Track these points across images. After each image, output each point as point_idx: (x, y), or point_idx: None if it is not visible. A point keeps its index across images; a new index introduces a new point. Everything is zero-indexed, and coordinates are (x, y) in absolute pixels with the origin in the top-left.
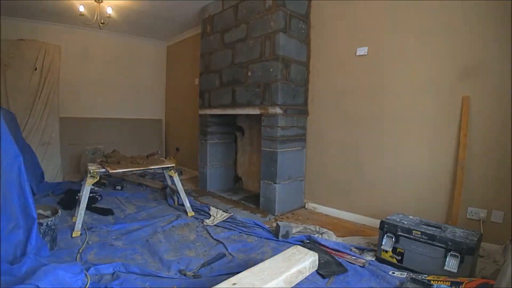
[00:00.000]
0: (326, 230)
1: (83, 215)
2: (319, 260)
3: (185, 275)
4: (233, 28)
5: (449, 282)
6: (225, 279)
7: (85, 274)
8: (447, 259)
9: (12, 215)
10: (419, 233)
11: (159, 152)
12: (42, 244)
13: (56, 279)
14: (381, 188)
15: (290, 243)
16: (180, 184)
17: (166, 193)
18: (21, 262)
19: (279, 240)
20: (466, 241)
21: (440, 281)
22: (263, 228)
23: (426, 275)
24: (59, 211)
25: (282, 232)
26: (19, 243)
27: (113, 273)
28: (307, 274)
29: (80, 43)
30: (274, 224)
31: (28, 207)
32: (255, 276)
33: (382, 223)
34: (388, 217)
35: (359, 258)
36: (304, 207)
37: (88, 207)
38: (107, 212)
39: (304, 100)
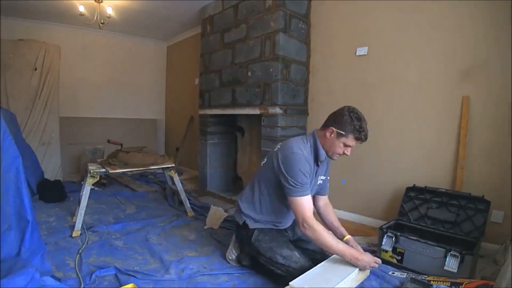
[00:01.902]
0: None
1: (83, 214)
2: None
3: None
4: (233, 28)
5: (449, 283)
6: (225, 280)
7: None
8: (447, 259)
9: (6, 217)
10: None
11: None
12: (39, 247)
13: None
14: (381, 188)
15: None
16: (180, 184)
17: (166, 193)
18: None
19: None
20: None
21: (440, 281)
22: None
23: (425, 276)
24: None
25: None
26: (11, 245)
27: (113, 274)
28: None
29: (80, 43)
30: None
31: (23, 209)
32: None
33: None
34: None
35: None
36: None
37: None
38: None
39: (304, 100)
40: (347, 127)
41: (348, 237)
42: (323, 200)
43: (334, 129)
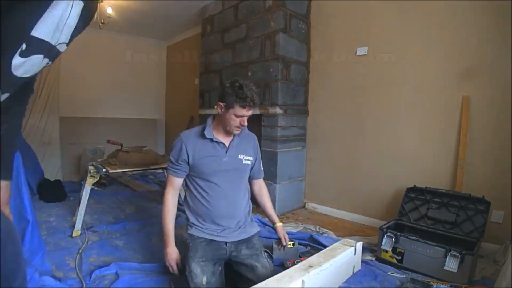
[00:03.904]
0: (326, 230)
1: (83, 215)
2: None
3: None
4: (233, 28)
5: (449, 284)
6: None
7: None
8: (447, 259)
9: None
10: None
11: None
12: (39, 247)
13: None
14: (381, 188)
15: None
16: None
17: None
18: None
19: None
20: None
21: (441, 281)
22: (265, 224)
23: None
24: None
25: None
26: None
27: (113, 274)
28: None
29: (80, 43)
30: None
31: (23, 209)
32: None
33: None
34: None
35: None
36: (304, 207)
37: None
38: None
39: (304, 100)
40: (230, 98)
41: (278, 224)
42: (257, 184)
43: (221, 104)
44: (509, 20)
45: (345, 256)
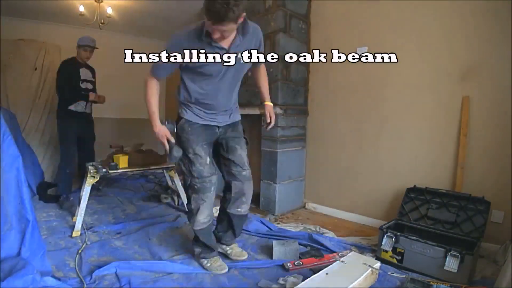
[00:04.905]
0: (326, 230)
1: (83, 215)
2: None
3: None
4: None
5: (449, 284)
6: (225, 281)
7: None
8: (447, 259)
9: (7, 217)
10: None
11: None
12: (39, 247)
13: None
14: (381, 188)
15: (290, 237)
16: (181, 185)
17: (167, 193)
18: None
19: (279, 239)
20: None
21: (441, 281)
22: (268, 226)
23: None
24: None
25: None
26: (11, 244)
27: (113, 274)
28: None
29: None
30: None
31: (23, 209)
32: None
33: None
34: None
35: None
36: (304, 207)
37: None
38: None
39: (304, 100)
40: (204, 9)
41: (267, 102)
42: (257, 69)
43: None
44: (509, 20)
45: None
